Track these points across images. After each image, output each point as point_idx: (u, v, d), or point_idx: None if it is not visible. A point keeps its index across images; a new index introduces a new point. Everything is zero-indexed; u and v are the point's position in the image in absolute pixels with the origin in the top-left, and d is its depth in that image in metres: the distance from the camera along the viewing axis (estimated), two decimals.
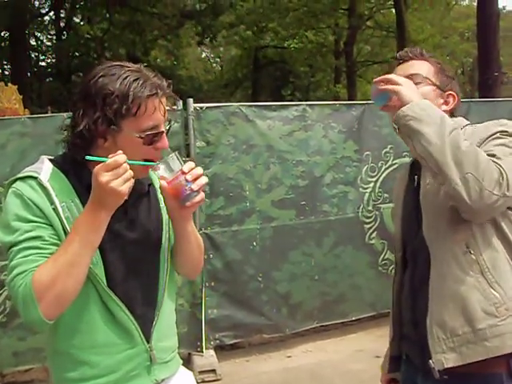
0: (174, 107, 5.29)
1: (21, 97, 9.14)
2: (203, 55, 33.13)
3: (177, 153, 1.78)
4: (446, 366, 1.88)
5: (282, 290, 5.69)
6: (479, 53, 12.83)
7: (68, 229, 1.71)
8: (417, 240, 2.03)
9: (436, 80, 2.04)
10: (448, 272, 1.88)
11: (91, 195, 1.65)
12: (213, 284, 5.44)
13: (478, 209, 1.74)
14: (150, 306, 1.92)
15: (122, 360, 1.84)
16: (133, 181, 1.65)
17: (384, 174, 6.02)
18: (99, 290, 1.79)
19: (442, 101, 2.03)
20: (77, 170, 1.81)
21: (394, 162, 6.00)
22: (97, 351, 1.81)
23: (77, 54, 23.15)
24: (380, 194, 5.99)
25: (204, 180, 1.76)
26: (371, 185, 6.01)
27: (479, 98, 11.52)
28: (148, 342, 1.89)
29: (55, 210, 1.73)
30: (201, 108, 5.34)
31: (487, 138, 1.87)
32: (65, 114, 4.77)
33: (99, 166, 1.60)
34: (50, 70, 24.39)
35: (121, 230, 1.84)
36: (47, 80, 24.04)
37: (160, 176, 1.77)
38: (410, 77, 1.97)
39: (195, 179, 1.74)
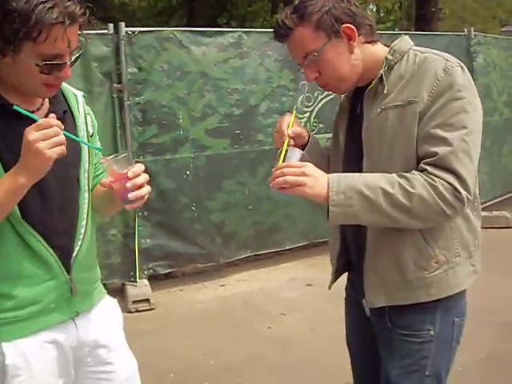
0: (105, 31, 5.09)
1: None
2: None
3: (130, 153, 1.71)
4: (376, 306, 1.98)
5: (215, 219, 5.68)
6: None
7: None
8: None
9: (321, 35, 1.84)
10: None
11: (20, 158, 1.58)
12: (146, 214, 5.37)
13: (438, 225, 1.86)
14: (70, 237, 1.88)
15: (42, 292, 1.80)
16: (64, 148, 1.58)
17: (320, 104, 5.99)
18: (13, 222, 1.72)
19: (345, 45, 1.87)
20: None
21: (330, 92, 5.96)
22: (14, 283, 1.76)
23: None
24: (315, 124, 5.98)
25: (144, 191, 1.75)
26: (307, 115, 5.98)
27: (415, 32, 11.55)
28: (68, 273, 1.86)
29: None
30: (133, 32, 5.14)
31: (436, 98, 1.76)
32: None
33: (31, 125, 1.55)
34: None
35: None
36: None
37: (108, 170, 1.76)
38: (305, 61, 1.88)
39: (137, 188, 1.73)
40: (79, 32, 1.70)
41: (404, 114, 1.81)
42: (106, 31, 5.10)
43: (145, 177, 1.76)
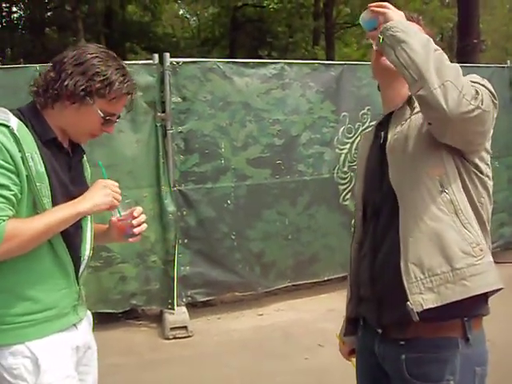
0: (150, 61, 5.21)
1: None
2: (180, 12, 32.55)
3: (131, 201, 2.10)
4: (425, 307, 1.82)
5: (255, 248, 5.70)
6: (459, 19, 12.74)
7: (33, 177, 1.90)
8: (380, 193, 2.01)
9: None
10: (424, 211, 1.85)
11: (84, 194, 2.03)
12: (186, 241, 5.43)
13: (452, 115, 1.72)
14: (78, 253, 2.18)
15: (59, 298, 2.08)
16: (117, 203, 2.09)
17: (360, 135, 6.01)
18: None
19: None
20: (38, 125, 2.02)
21: (371, 123, 5.97)
22: (41, 288, 2.02)
23: (50, 6, 22.58)
24: (356, 156, 5.98)
25: (144, 227, 2.21)
26: (347, 146, 5.99)
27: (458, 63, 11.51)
28: (78, 284, 2.16)
29: (22, 158, 1.89)
30: (177, 63, 5.25)
31: None
32: (37, 66, 4.67)
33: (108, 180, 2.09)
34: (22, 21, 23.80)
35: (66, 182, 2.09)
36: (20, 32, 23.48)
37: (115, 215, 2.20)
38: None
39: (138, 225, 2.19)
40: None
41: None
42: (151, 61, 5.22)
43: (144, 216, 2.21)
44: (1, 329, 1.99)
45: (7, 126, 1.88)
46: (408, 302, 1.83)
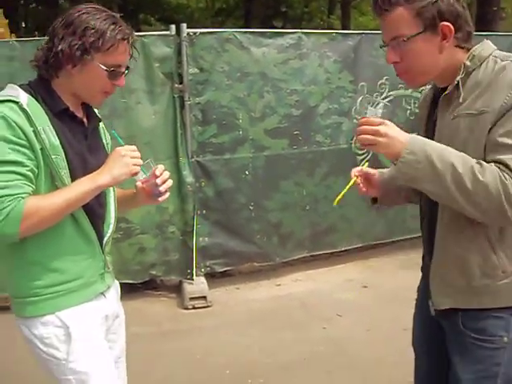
0: (167, 32, 5.18)
1: (6, 21, 8.84)
2: None
3: (151, 160, 2.15)
4: (441, 308, 1.99)
5: (273, 219, 5.71)
6: None
7: (48, 150, 1.92)
8: None
9: (418, 24, 1.81)
10: (455, 226, 1.88)
11: (102, 166, 2.01)
12: (204, 212, 5.45)
13: (495, 223, 1.82)
14: (102, 223, 2.23)
15: (86, 267, 2.13)
16: (139, 169, 2.07)
17: (378, 106, 5.95)
18: None
19: (437, 42, 1.83)
20: (48, 97, 2.04)
21: (389, 93, 5.94)
22: (66, 259, 2.07)
23: None
24: None
25: (170, 183, 2.19)
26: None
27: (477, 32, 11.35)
28: (102, 252, 2.21)
29: (35, 132, 1.91)
30: (194, 33, 5.21)
31: (508, 109, 1.73)
32: None
33: (123, 146, 2.05)
34: None
35: (83, 151, 2.11)
36: (34, 5, 23.37)
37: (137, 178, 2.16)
38: (392, 42, 1.86)
39: (163, 182, 2.17)
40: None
41: (475, 123, 1.79)
42: (167, 32, 5.18)
43: (167, 173, 2.19)
44: (31, 301, 2.04)
45: (16, 102, 1.91)
46: (429, 300, 2.06)
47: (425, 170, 1.74)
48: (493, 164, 1.73)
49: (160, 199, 2.21)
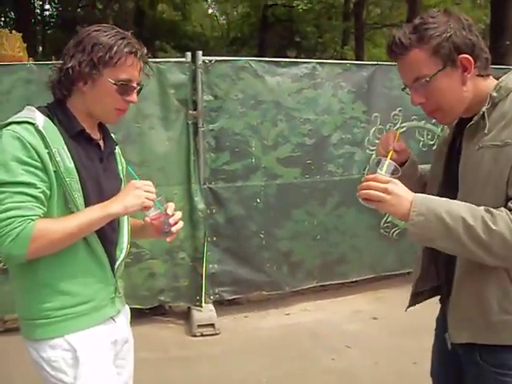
0: (183, 59, 5.23)
1: (25, 45, 8.95)
2: (210, 11, 32.67)
3: (163, 197, 2.15)
4: (457, 342, 1.97)
5: (283, 247, 5.69)
6: (492, 20, 12.64)
7: (62, 172, 1.93)
8: None
9: (437, 61, 1.81)
10: (473, 260, 1.85)
11: (116, 196, 2.02)
12: (215, 239, 5.44)
13: None
14: (115, 247, 2.23)
15: (96, 291, 2.12)
16: (151, 204, 2.06)
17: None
18: None
19: (459, 75, 1.84)
20: (64, 119, 2.05)
21: (403, 124, 5.94)
22: (78, 282, 2.06)
23: (82, 3, 22.79)
24: None
25: (180, 225, 2.18)
26: None
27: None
28: (114, 276, 2.20)
29: (49, 154, 1.92)
30: (210, 61, 5.25)
31: None
32: None
33: (142, 181, 2.06)
34: (54, 19, 24.05)
35: (98, 174, 2.11)
36: (51, 30, 23.73)
37: (148, 213, 2.14)
38: (415, 84, 1.87)
39: (175, 223, 2.15)
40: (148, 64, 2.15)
41: (500, 154, 1.78)
42: (183, 59, 5.23)
43: (179, 213, 2.18)
44: (40, 323, 2.04)
45: (32, 124, 1.92)
46: (446, 333, 2.03)
47: (436, 228, 1.75)
48: (503, 209, 1.73)
49: (168, 240, 2.20)
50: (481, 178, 1.81)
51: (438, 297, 2.20)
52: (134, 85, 2.08)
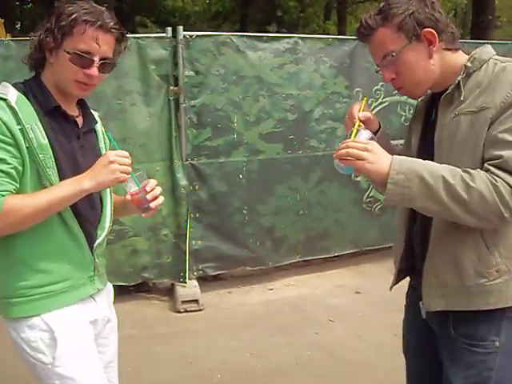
0: (163, 35, 5.18)
1: (2, 21, 8.80)
2: None
3: (144, 172, 2.11)
4: (432, 310, 2.00)
5: (266, 223, 5.71)
6: None
7: (35, 148, 1.90)
8: None
9: (402, 37, 1.89)
10: (450, 226, 1.89)
11: (89, 169, 1.96)
12: (198, 215, 5.44)
13: (495, 227, 1.85)
14: (95, 227, 2.20)
15: (74, 269, 2.10)
16: (126, 177, 2.00)
17: (374, 112, 5.95)
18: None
19: (425, 49, 1.91)
20: (40, 95, 2.02)
21: (385, 99, 5.95)
22: (54, 259, 2.04)
23: None
24: None
25: (160, 201, 2.11)
26: None
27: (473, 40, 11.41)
28: (92, 255, 2.16)
29: (22, 130, 1.90)
30: (190, 36, 5.20)
31: (509, 106, 1.78)
32: None
33: (113, 151, 1.98)
34: None
35: (74, 151, 2.07)
36: (30, 5, 23.33)
37: (128, 189, 2.08)
38: (384, 61, 1.94)
39: (154, 199, 2.09)
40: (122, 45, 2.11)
41: (476, 119, 1.82)
42: (164, 35, 5.17)
43: (159, 189, 2.12)
44: (16, 302, 2.02)
45: (4, 100, 1.90)
46: (420, 302, 2.06)
47: (418, 187, 1.76)
48: (479, 170, 1.77)
49: (144, 215, 2.14)
50: (456, 146, 1.85)
51: None
52: (95, 58, 1.99)
